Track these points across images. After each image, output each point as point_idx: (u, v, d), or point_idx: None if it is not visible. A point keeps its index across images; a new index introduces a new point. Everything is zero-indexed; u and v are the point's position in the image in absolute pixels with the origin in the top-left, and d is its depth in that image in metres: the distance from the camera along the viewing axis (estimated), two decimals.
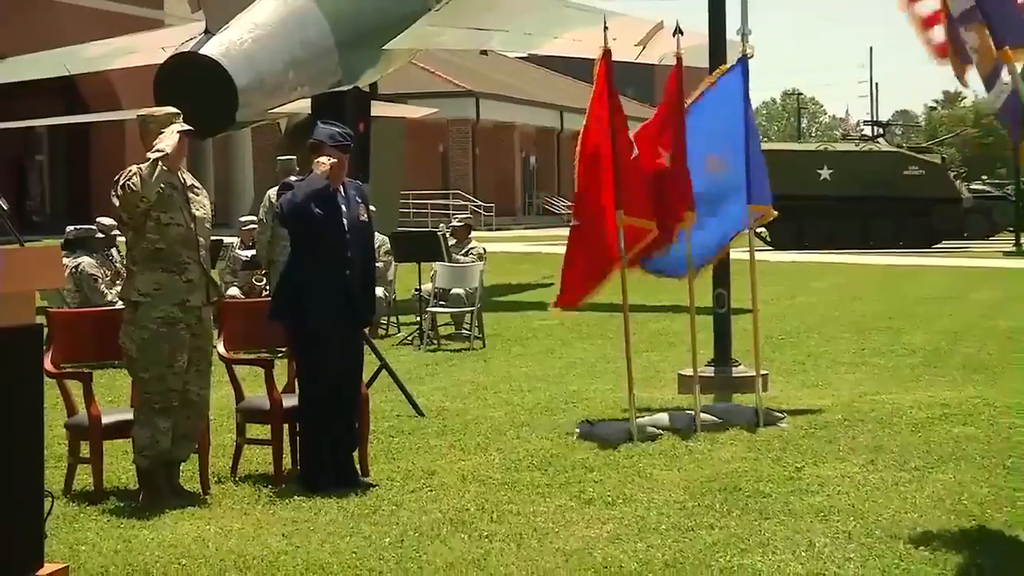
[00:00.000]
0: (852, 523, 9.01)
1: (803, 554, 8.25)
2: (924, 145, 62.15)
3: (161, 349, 9.76)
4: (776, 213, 13.49)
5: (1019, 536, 8.75)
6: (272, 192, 16.85)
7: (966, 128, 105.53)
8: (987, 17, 8.07)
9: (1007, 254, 44.20)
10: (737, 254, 14.08)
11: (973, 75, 8.44)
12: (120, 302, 10.43)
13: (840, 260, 35.53)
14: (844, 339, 19.75)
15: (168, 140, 9.82)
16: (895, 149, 50.82)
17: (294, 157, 19.10)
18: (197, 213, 10.03)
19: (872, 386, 15.19)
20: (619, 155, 12.25)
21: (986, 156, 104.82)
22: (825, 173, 45.63)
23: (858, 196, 44.89)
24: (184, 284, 9.84)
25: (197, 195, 10.14)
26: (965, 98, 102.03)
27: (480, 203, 67.27)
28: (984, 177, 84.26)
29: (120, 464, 10.65)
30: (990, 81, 8.44)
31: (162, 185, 9.73)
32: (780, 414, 12.95)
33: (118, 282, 16.41)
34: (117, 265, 18.57)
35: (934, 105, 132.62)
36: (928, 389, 14.89)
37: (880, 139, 54.24)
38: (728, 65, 13.69)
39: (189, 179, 10.18)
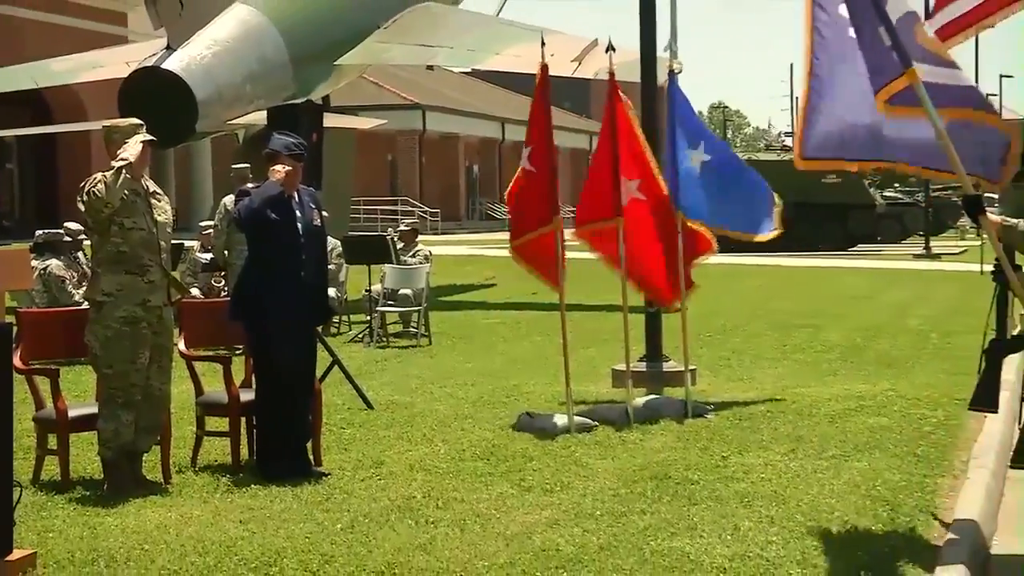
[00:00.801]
0: (774, 508, 9.04)
1: (728, 537, 8.27)
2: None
3: (124, 346, 9.73)
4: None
5: (929, 519, 8.80)
6: (228, 199, 16.85)
7: None
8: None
9: (917, 257, 44.45)
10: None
11: None
12: (85, 302, 10.36)
13: (763, 262, 35.64)
14: (767, 336, 19.83)
15: (131, 149, 9.78)
16: None
17: (248, 165, 19.04)
18: (159, 218, 9.99)
19: (793, 380, 15.25)
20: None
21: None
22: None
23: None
24: (146, 285, 9.81)
25: (159, 201, 10.09)
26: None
27: (426, 209, 67.20)
28: (896, 185, 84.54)
29: (86, 455, 10.56)
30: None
31: (125, 192, 9.69)
32: (707, 406, 12.99)
33: (84, 283, 16.29)
34: (84, 267, 18.45)
35: None
36: (845, 382, 14.97)
37: None
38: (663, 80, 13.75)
39: (151, 186, 10.13)
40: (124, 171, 9.65)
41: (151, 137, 10.08)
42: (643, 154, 12.95)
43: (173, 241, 10.92)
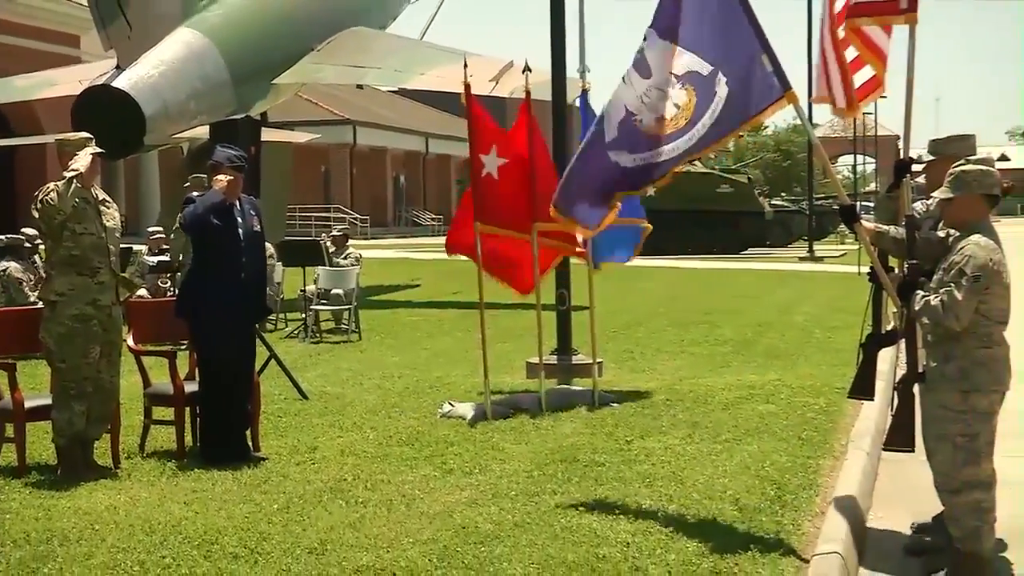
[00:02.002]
0: (673, 487, 9.09)
1: (631, 514, 8.30)
2: (733, 167, 62.76)
3: (76, 342, 9.71)
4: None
5: (812, 497, 8.87)
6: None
7: (767, 153, 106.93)
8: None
9: (802, 259, 44.73)
10: (577, 260, 14.12)
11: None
12: (40, 302, 10.28)
13: (664, 265, 35.82)
14: (667, 331, 19.90)
15: (82, 161, 9.75)
16: (709, 170, 51.17)
17: (204, 176, 18.99)
18: (108, 224, 9.96)
19: (690, 371, 15.32)
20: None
21: (784, 176, 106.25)
22: (651, 190, 45.83)
23: (679, 210, 44.97)
24: (96, 286, 9.80)
25: (108, 208, 10.05)
26: (767, 128, 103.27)
27: (357, 216, 67.04)
28: (783, 194, 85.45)
29: (41, 443, 10.47)
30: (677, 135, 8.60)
31: (77, 200, 9.66)
32: (613, 395, 13.03)
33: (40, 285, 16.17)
34: (40, 270, 18.29)
35: (741, 133, 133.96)
36: (737, 373, 15.06)
37: (696, 162, 54.68)
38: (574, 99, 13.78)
39: (101, 194, 10.09)
40: (75, 181, 9.63)
41: (101, 149, 10.05)
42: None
43: (122, 245, 10.86)
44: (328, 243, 23.09)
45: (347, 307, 20.43)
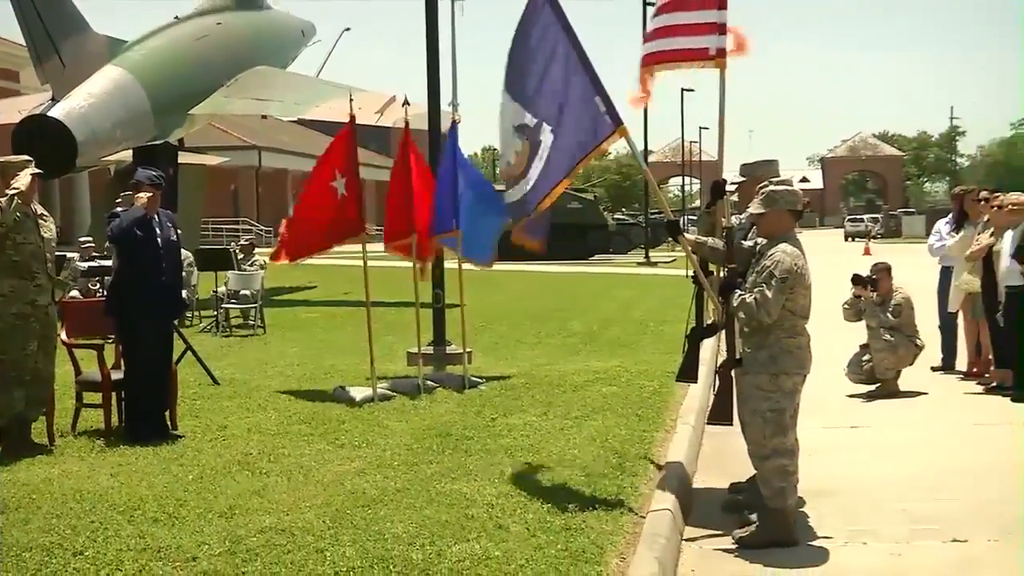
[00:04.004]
0: (531, 457, 9.12)
1: (496, 480, 8.32)
2: (582, 186, 63.19)
3: (16, 337, 9.59)
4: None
5: (647, 464, 8.96)
6: None
7: (611, 175, 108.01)
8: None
9: (640, 264, 45.22)
10: (450, 264, 14.14)
11: None
12: None
13: (524, 269, 35.91)
14: (526, 325, 19.97)
15: (23, 180, 9.66)
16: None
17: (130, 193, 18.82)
18: (45, 235, 9.86)
19: (545, 359, 15.39)
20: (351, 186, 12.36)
21: (625, 194, 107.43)
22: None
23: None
24: (34, 288, 9.69)
25: (45, 221, 9.95)
26: (610, 154, 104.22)
27: (262, 228, 66.32)
28: (624, 209, 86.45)
29: None
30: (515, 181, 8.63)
31: (18, 214, 9.56)
32: (480, 380, 13.05)
33: None
34: None
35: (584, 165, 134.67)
36: (585, 360, 15.15)
37: None
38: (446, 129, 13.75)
39: (39, 209, 9.98)
40: (16, 198, 9.55)
41: (39, 170, 9.93)
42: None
43: (57, 253, 10.70)
44: (237, 251, 22.97)
45: (253, 305, 20.36)
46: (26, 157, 10.10)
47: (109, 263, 20.29)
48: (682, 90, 67.72)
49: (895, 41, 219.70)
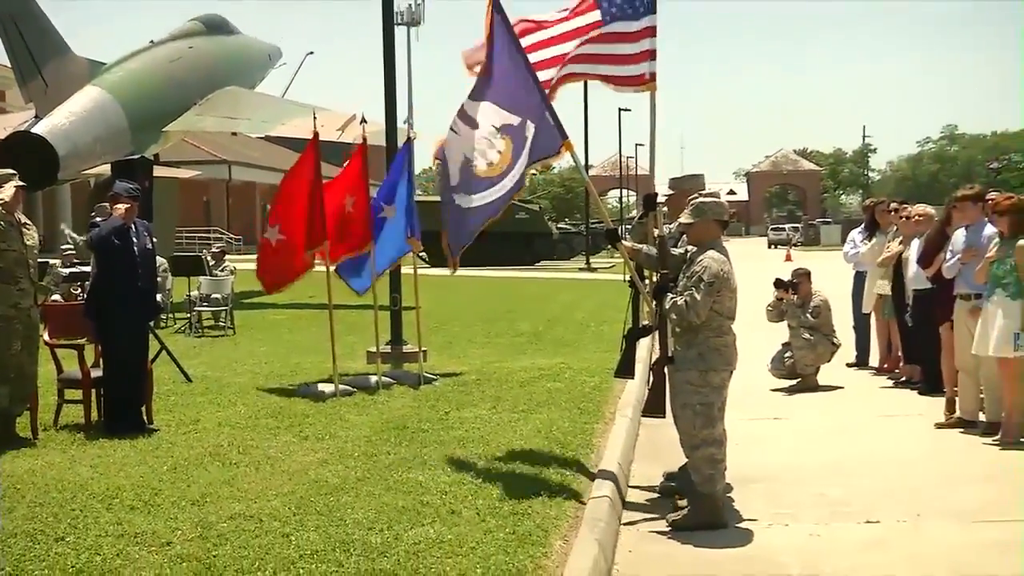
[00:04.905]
0: (481, 447, 9.12)
1: (449, 469, 8.31)
2: (528, 198, 63.27)
3: (0, 338, 9.49)
4: (421, 245, 13.60)
5: (588, 453, 8.97)
6: None
7: (554, 188, 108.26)
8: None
9: (581, 269, 45.39)
10: (407, 269, 14.12)
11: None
12: None
13: (476, 274, 35.91)
14: (477, 326, 19.98)
15: (7, 192, 9.61)
16: (510, 200, 51.58)
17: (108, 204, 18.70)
18: (28, 243, 9.78)
19: (495, 357, 15.40)
20: (315, 198, 12.23)
21: (567, 206, 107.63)
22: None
23: (486, 231, 45.34)
24: (18, 292, 9.60)
25: (28, 230, 9.87)
26: (554, 169, 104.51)
27: (232, 236, 65.89)
28: (566, 219, 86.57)
29: None
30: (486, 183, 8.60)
31: (3, 223, 9.51)
32: (434, 376, 13.03)
33: None
34: None
35: (534, 172, 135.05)
36: (531, 358, 15.17)
37: None
38: (401, 145, 13.73)
39: (23, 218, 9.90)
40: (0, 208, 9.44)
41: (23, 183, 9.88)
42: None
43: (39, 259, 10.59)
44: (209, 258, 22.91)
45: (224, 308, 20.31)
46: (11, 171, 10.02)
47: (88, 268, 20.23)
48: (619, 109, 68.17)
49: (813, 65, 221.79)
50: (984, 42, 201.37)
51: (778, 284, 13.74)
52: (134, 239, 10.26)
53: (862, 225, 15.24)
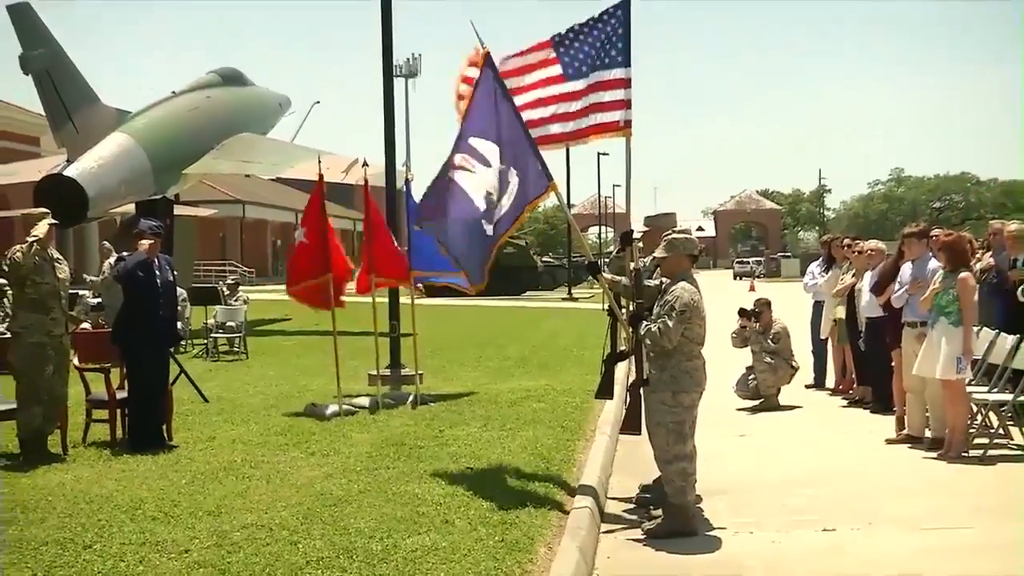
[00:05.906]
0: (472, 463, 9.11)
1: (443, 482, 8.29)
2: (515, 234, 63.37)
3: (35, 363, 9.54)
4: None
5: (570, 468, 8.96)
6: (108, 263, 16.38)
7: (539, 224, 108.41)
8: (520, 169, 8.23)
9: (564, 299, 45.35)
10: (405, 299, 14.12)
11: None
12: (8, 333, 10.01)
13: (469, 303, 35.87)
14: (469, 351, 19.95)
15: (40, 229, 9.66)
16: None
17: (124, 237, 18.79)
18: (60, 276, 9.80)
19: (485, 379, 15.38)
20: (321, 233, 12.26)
21: (551, 241, 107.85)
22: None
23: None
24: (50, 321, 9.63)
25: (60, 264, 9.90)
26: (539, 208, 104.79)
27: (245, 269, 65.82)
28: (550, 253, 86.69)
29: (8, 436, 10.05)
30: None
31: (36, 258, 9.57)
32: (430, 397, 13.02)
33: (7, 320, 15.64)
34: (7, 309, 17.59)
35: (527, 213, 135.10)
36: (518, 380, 15.15)
37: None
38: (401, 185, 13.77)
39: (55, 253, 9.93)
40: (35, 244, 9.56)
41: (55, 221, 9.94)
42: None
43: (70, 291, 10.63)
44: (224, 289, 22.87)
45: (238, 335, 20.28)
46: (44, 210, 10.12)
47: (98, 301, 20.28)
48: (598, 154, 68.18)
49: (774, 114, 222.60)
50: (927, 92, 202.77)
51: (742, 313, 13.78)
52: (157, 272, 10.28)
53: (820, 259, 15.31)
